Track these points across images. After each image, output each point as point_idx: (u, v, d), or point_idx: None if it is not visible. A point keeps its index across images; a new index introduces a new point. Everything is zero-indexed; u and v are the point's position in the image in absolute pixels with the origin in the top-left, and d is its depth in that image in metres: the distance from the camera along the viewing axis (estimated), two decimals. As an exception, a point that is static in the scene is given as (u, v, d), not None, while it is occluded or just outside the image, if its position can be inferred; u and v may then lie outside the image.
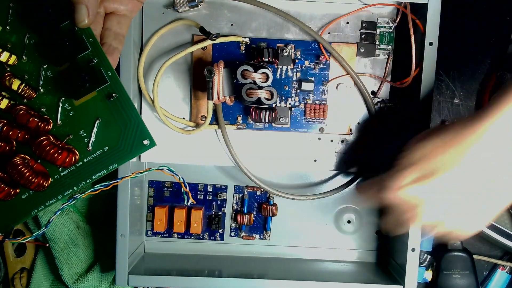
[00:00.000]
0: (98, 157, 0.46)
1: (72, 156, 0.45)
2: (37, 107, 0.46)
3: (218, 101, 0.55)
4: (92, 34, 0.45)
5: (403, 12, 0.56)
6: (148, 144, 0.46)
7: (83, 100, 0.46)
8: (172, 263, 0.60)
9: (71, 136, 0.46)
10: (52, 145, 0.44)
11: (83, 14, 0.43)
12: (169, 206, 0.62)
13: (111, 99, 0.45)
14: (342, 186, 0.59)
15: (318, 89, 0.58)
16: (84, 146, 0.46)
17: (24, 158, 0.45)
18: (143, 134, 0.46)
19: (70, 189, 0.46)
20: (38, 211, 0.46)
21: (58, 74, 0.46)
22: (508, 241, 0.59)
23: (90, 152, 0.46)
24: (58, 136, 0.46)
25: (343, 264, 0.63)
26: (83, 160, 0.46)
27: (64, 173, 0.46)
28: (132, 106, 0.45)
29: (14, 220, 0.47)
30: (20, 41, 0.46)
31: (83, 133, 0.46)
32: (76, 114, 0.46)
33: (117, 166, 0.46)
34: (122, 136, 0.46)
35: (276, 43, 0.57)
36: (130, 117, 0.45)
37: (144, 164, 0.60)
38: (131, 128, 0.46)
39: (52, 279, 0.62)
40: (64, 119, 0.46)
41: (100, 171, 0.46)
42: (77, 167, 0.46)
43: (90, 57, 0.45)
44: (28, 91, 0.45)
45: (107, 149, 0.46)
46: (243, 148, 0.58)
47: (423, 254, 0.62)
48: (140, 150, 0.46)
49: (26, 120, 0.45)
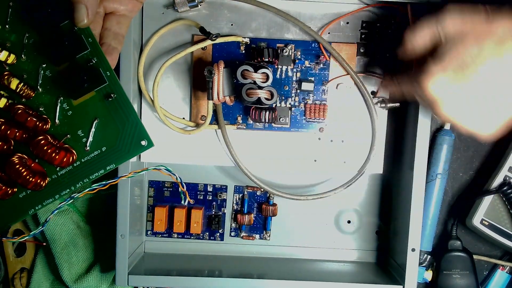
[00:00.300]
0: (96, 157, 0.46)
1: (69, 156, 0.45)
2: (36, 106, 0.46)
3: (218, 101, 0.55)
4: (91, 34, 0.45)
5: (403, 12, 0.56)
6: (146, 145, 0.46)
7: (82, 100, 0.46)
8: (172, 263, 0.60)
9: (69, 136, 0.46)
10: (50, 145, 0.44)
11: (82, 13, 0.43)
12: (169, 206, 0.62)
13: (110, 99, 0.45)
14: (342, 186, 0.59)
15: (318, 89, 0.58)
16: (82, 146, 0.46)
17: (22, 157, 0.45)
18: (141, 134, 0.46)
19: (68, 189, 0.46)
20: (35, 211, 0.46)
21: (57, 73, 0.46)
22: (508, 241, 0.59)
23: (88, 152, 0.46)
24: (56, 135, 0.46)
25: (343, 264, 0.63)
26: (81, 160, 0.46)
27: (62, 173, 0.46)
28: (130, 107, 0.45)
29: (11, 219, 0.47)
30: (19, 40, 0.46)
31: (81, 133, 0.46)
32: (75, 114, 0.46)
33: (115, 167, 0.46)
34: (120, 136, 0.46)
35: (276, 43, 0.57)
36: (128, 117, 0.45)
37: (144, 164, 0.60)
38: (129, 128, 0.46)
39: (52, 279, 0.63)
40: (62, 118, 0.46)
41: (98, 171, 0.46)
42: (75, 167, 0.46)
43: (89, 57, 0.45)
44: (26, 91, 0.45)
45: (105, 149, 0.46)
46: (243, 148, 0.58)
47: (423, 254, 0.62)
48: (138, 150, 0.46)
49: (24, 119, 0.45)
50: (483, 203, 0.59)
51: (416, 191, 0.54)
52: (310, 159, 0.59)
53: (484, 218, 0.59)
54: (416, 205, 0.54)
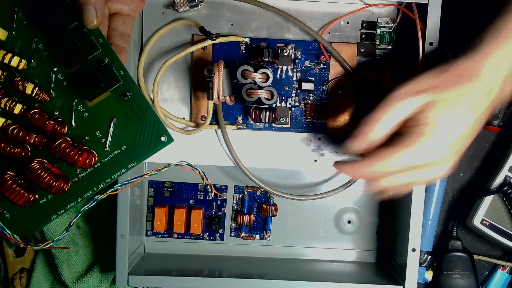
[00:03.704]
0: (116, 156, 0.46)
1: (92, 157, 0.45)
2: (50, 110, 0.45)
3: (218, 101, 0.55)
4: (101, 35, 0.45)
5: (403, 12, 0.56)
6: (166, 140, 0.46)
7: (97, 100, 0.45)
8: (172, 263, 0.60)
9: (87, 138, 0.45)
10: (72, 147, 0.44)
11: (91, 15, 0.43)
12: (169, 206, 0.62)
13: (125, 98, 0.45)
14: (342, 186, 0.59)
15: (318, 89, 0.58)
16: (101, 146, 0.45)
17: (43, 162, 0.45)
18: (160, 130, 0.45)
19: (90, 191, 0.46)
20: (58, 216, 0.46)
21: (69, 76, 0.45)
22: (508, 241, 0.59)
23: (107, 152, 0.45)
24: (74, 138, 0.45)
25: (343, 264, 0.62)
26: (101, 161, 0.46)
27: (82, 175, 0.46)
28: (147, 104, 0.45)
29: (34, 226, 0.46)
30: (27, 45, 0.45)
31: (99, 134, 0.45)
32: (91, 115, 0.45)
33: (137, 164, 0.46)
34: (139, 134, 0.45)
35: (276, 43, 0.57)
36: (146, 114, 0.45)
37: (144, 164, 0.60)
38: (148, 125, 0.45)
39: (52, 279, 0.62)
40: (79, 121, 0.45)
41: (120, 171, 0.46)
42: (95, 168, 0.46)
43: (101, 57, 0.45)
44: (42, 95, 0.45)
45: (125, 148, 0.46)
46: (243, 148, 0.58)
47: (424, 254, 0.62)
48: (159, 146, 0.46)
49: (42, 124, 0.44)
50: (484, 203, 0.59)
51: (416, 191, 0.54)
52: (310, 159, 0.59)
53: (485, 218, 0.59)
54: (416, 205, 0.54)
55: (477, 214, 0.59)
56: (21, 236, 0.46)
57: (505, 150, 0.60)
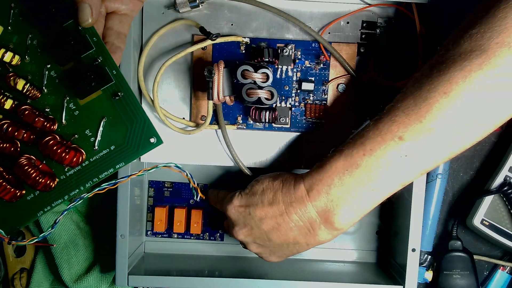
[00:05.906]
0: (105, 156, 0.46)
1: (79, 156, 0.45)
2: (41, 107, 0.46)
3: (218, 101, 0.55)
4: (96, 33, 0.45)
5: (403, 12, 0.56)
6: (155, 142, 0.46)
7: (88, 99, 0.45)
8: (172, 263, 0.60)
9: (77, 136, 0.46)
10: (59, 145, 0.44)
11: (87, 13, 0.43)
12: (169, 206, 0.62)
13: (117, 97, 0.45)
14: (342, 186, 0.59)
15: (318, 89, 0.58)
16: (90, 145, 0.46)
17: (30, 158, 0.45)
18: (150, 132, 0.46)
19: (77, 189, 0.46)
20: (44, 213, 0.46)
21: (62, 73, 0.46)
22: (508, 241, 0.59)
23: (96, 151, 0.46)
24: (64, 136, 0.45)
25: (343, 264, 0.62)
26: (89, 160, 0.46)
27: (70, 173, 0.46)
28: (138, 104, 0.45)
29: (20, 222, 0.47)
30: (22, 41, 0.45)
31: (88, 133, 0.46)
32: (81, 114, 0.46)
33: (125, 165, 0.46)
34: (128, 134, 0.46)
35: (276, 43, 0.57)
36: (136, 115, 0.45)
37: (144, 164, 0.60)
38: (137, 126, 0.45)
39: (52, 279, 0.62)
40: (69, 118, 0.46)
41: (107, 170, 0.46)
42: (83, 166, 0.46)
43: (94, 56, 0.45)
44: (33, 91, 0.45)
45: (114, 148, 0.46)
46: (243, 148, 0.58)
47: (424, 254, 0.62)
48: (147, 148, 0.46)
49: (32, 120, 0.44)
50: (484, 203, 0.59)
51: (416, 191, 0.54)
52: (310, 159, 0.59)
53: (485, 218, 0.59)
54: (416, 205, 0.54)
55: (477, 214, 0.59)
56: (7, 231, 0.46)
57: (505, 150, 0.60)
